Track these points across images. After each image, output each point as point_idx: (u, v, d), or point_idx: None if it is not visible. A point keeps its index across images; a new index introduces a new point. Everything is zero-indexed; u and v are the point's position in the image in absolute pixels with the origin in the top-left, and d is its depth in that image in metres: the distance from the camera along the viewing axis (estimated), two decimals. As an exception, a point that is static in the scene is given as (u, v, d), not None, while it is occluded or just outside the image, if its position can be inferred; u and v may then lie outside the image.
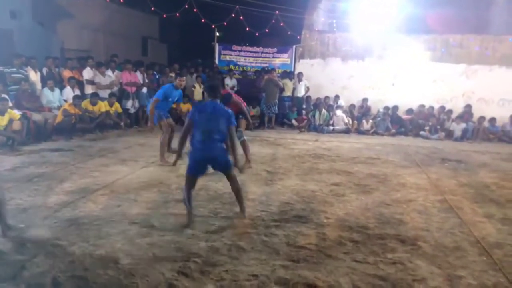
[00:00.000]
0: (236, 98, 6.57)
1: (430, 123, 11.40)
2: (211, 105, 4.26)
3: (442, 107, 12.12)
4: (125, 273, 3.10)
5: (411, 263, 3.46)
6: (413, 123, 11.74)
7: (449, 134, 11.23)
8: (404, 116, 12.00)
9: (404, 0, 12.96)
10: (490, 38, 12.15)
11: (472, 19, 12.52)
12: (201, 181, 5.69)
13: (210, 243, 3.68)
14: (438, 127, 11.35)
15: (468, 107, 11.95)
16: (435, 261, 3.52)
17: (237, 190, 4.38)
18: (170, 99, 6.80)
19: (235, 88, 12.55)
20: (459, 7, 12.39)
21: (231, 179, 4.34)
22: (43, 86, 9.24)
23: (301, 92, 12.62)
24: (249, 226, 4.13)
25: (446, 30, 12.38)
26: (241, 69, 13.91)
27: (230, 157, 4.27)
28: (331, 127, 11.50)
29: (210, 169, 4.32)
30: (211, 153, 4.14)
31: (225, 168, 4.27)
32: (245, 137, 6.65)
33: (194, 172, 4.19)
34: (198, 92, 11.95)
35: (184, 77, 6.83)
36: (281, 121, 12.50)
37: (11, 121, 7.42)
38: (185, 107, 10.68)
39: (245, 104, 6.76)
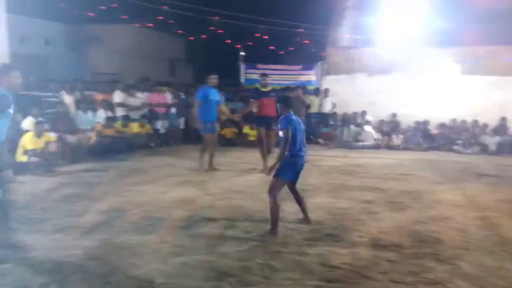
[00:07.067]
0: None
1: (463, 137, 11.07)
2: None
3: (476, 121, 11.76)
4: (160, 293, 3.11)
5: (452, 283, 3.32)
6: (445, 137, 11.44)
7: (484, 148, 10.85)
8: (436, 131, 11.71)
9: (430, 13, 12.78)
10: (522, 48, 11.81)
11: (502, 31, 12.19)
12: (234, 201, 5.77)
13: (243, 262, 3.65)
14: (472, 141, 11.00)
15: (503, 119, 11.55)
16: (478, 281, 3.37)
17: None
18: (210, 97, 7.44)
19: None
20: (488, 19, 12.11)
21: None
22: (76, 109, 9.57)
23: (327, 108, 12.55)
24: (281, 245, 4.07)
25: (475, 42, 12.10)
26: (266, 87, 13.94)
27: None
28: (360, 143, 11.34)
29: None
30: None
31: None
32: None
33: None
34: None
35: (215, 75, 7.58)
36: (308, 138, 12.40)
37: (47, 143, 7.68)
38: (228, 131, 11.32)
39: None
